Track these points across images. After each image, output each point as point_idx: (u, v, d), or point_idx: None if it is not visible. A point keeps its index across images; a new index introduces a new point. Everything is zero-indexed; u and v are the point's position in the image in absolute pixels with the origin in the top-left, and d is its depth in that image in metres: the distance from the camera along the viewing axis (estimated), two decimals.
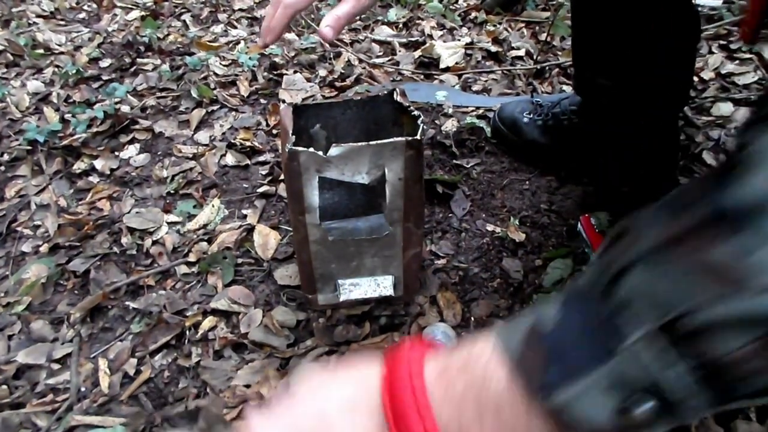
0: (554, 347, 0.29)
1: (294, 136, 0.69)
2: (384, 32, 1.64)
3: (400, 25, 1.68)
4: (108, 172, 1.19)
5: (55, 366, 0.86)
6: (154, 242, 1.03)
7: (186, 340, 0.87)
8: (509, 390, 0.29)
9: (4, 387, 0.83)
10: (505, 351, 0.30)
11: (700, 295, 0.25)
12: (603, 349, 0.27)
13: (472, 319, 0.87)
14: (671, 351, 0.26)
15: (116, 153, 1.24)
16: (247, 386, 0.80)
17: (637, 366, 0.26)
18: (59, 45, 1.64)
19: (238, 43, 1.60)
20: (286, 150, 0.68)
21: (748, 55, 1.38)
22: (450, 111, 1.28)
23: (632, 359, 0.26)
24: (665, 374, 0.26)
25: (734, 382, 0.26)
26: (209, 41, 1.60)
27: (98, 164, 1.21)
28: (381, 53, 1.55)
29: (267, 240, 1.01)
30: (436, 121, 1.26)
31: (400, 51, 1.55)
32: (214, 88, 1.39)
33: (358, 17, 0.72)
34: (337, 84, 1.40)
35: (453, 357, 0.32)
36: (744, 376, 0.25)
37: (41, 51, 1.60)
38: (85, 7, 1.86)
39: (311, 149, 0.67)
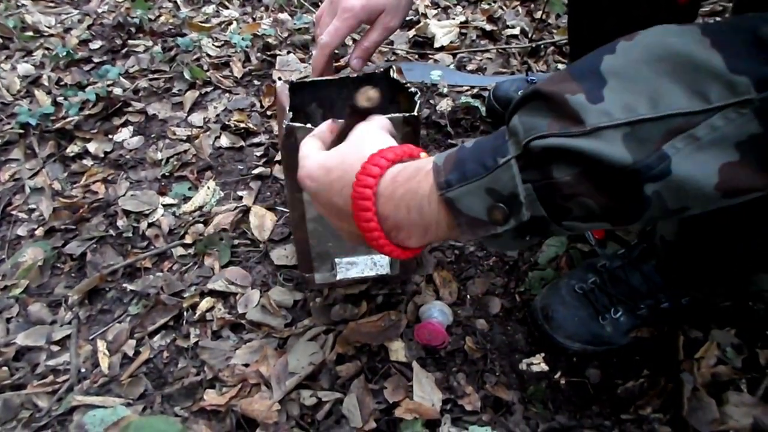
0: (460, 159, 0.40)
1: (291, 113, 0.69)
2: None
3: None
4: (102, 155, 1.19)
5: (55, 348, 0.86)
6: (150, 224, 1.03)
7: (184, 321, 0.88)
8: (429, 192, 0.41)
9: (5, 369, 0.83)
10: (434, 162, 0.42)
11: (550, 126, 0.36)
12: (489, 163, 0.38)
13: (468, 297, 0.88)
14: (526, 171, 0.37)
15: (110, 136, 1.23)
16: (246, 365, 0.81)
17: (504, 180, 0.38)
18: (49, 27, 1.62)
19: (230, 23, 1.58)
20: (283, 126, 0.67)
21: None
22: (445, 90, 1.27)
23: (502, 174, 0.38)
24: (520, 188, 0.37)
25: (562, 200, 0.37)
26: (201, 22, 1.58)
27: (92, 147, 1.20)
28: None
29: (263, 221, 1.01)
30: (431, 101, 1.25)
31: None
32: (207, 70, 1.38)
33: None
34: None
35: (406, 168, 0.44)
36: (567, 196, 0.36)
37: (31, 33, 1.57)
38: None
39: (308, 125, 0.67)
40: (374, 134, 0.48)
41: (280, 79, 1.34)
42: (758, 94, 0.32)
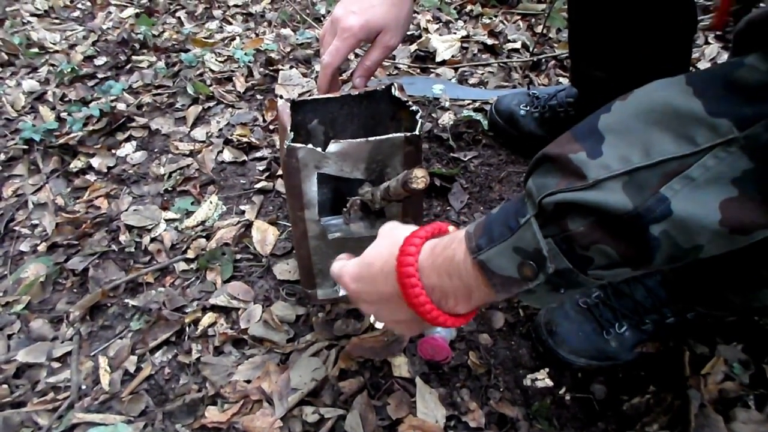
0: (488, 224, 0.44)
1: (292, 132, 0.69)
2: None
3: None
4: (105, 170, 1.19)
5: (56, 364, 0.86)
6: (153, 239, 1.03)
7: (186, 337, 0.87)
8: (464, 258, 0.44)
9: (5, 386, 0.83)
10: (466, 231, 0.45)
11: (558, 183, 0.39)
12: (513, 224, 0.41)
13: None
14: (546, 227, 0.40)
15: (113, 151, 1.24)
16: (248, 381, 0.80)
17: (528, 238, 0.40)
18: (54, 43, 1.63)
19: (233, 39, 1.60)
20: (285, 146, 0.68)
21: None
22: (447, 104, 1.28)
23: (525, 233, 0.41)
24: (542, 243, 0.40)
25: (581, 249, 0.39)
26: (204, 38, 1.60)
27: (95, 162, 1.20)
28: None
29: (265, 235, 1.01)
30: (433, 115, 1.26)
31: None
32: (210, 85, 1.39)
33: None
34: None
35: (441, 240, 0.47)
36: (585, 245, 0.39)
37: (36, 50, 1.59)
38: (80, 6, 1.85)
39: (310, 146, 0.67)
40: (399, 226, 0.53)
41: (281, 97, 1.35)
42: (740, 132, 0.34)
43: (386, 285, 0.49)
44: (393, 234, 0.52)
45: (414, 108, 0.72)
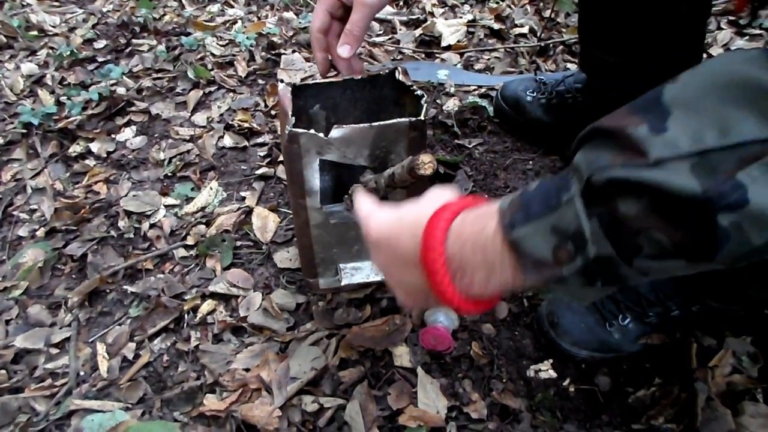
0: (525, 200, 0.39)
1: (293, 118, 0.67)
2: (384, 10, 1.60)
3: (401, 3, 1.64)
4: (104, 155, 1.18)
5: (54, 350, 0.85)
6: (152, 225, 1.02)
7: (185, 324, 0.86)
8: (494, 233, 0.40)
9: (3, 372, 0.82)
10: (500, 206, 0.41)
11: (612, 159, 0.34)
12: (554, 201, 0.37)
13: None
14: (591, 206, 0.35)
15: (112, 135, 1.22)
16: (247, 370, 0.79)
17: (569, 217, 0.36)
18: (53, 26, 1.61)
19: (235, 22, 1.57)
20: (286, 132, 0.66)
21: (757, 31, 1.35)
22: (452, 90, 1.25)
23: (567, 212, 0.36)
24: (585, 224, 0.35)
25: (629, 235, 0.34)
26: (206, 21, 1.57)
27: (94, 147, 1.19)
28: (381, 32, 1.52)
29: (266, 222, 0.99)
30: (438, 101, 1.23)
31: (400, 29, 1.51)
32: (211, 69, 1.36)
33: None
34: None
35: (473, 211, 0.44)
36: (636, 230, 0.34)
37: (35, 33, 1.57)
38: None
39: (312, 131, 0.66)
40: (449, 192, 0.50)
41: (282, 81, 1.33)
42: None
43: (409, 243, 0.46)
44: (438, 197, 0.48)
45: (419, 92, 0.70)
